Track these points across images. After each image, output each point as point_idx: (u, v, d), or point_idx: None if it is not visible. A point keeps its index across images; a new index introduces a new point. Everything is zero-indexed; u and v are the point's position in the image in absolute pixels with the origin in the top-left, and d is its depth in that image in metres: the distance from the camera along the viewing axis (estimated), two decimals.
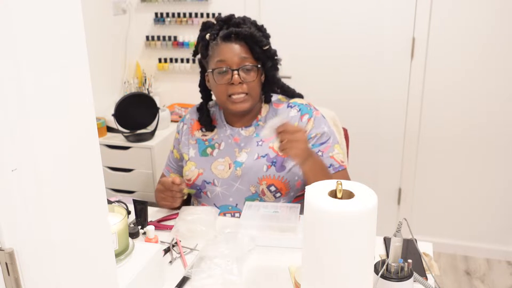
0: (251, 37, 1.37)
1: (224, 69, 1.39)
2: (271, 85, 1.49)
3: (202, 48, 1.46)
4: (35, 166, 0.57)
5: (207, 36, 1.42)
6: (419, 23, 2.40)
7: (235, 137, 1.49)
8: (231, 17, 1.43)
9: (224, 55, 1.38)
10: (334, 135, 1.48)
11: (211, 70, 1.42)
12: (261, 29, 1.45)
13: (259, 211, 1.33)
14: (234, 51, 1.38)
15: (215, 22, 1.44)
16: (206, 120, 1.52)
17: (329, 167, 1.43)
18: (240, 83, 1.38)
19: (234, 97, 1.39)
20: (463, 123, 2.49)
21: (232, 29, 1.38)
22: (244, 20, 1.43)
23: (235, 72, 1.37)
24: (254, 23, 1.44)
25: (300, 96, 1.54)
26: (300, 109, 1.48)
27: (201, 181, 1.46)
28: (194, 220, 1.32)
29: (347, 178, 1.45)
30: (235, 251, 1.17)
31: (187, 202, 1.61)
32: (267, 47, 1.40)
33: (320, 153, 1.43)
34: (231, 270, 1.11)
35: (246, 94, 1.40)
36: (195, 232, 1.29)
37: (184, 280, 1.11)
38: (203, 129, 1.54)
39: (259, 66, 1.41)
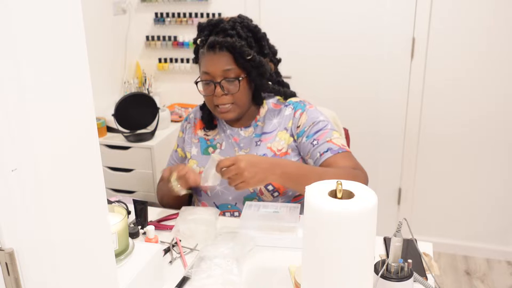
0: (233, 48, 1.35)
1: (208, 81, 1.40)
2: (260, 91, 1.48)
3: (195, 52, 1.47)
4: (35, 166, 0.57)
5: (198, 41, 1.43)
6: (419, 23, 2.40)
7: (235, 137, 1.50)
8: (219, 22, 1.40)
9: (207, 67, 1.38)
10: (332, 124, 1.46)
11: (197, 81, 1.44)
12: (252, 33, 1.41)
13: (259, 211, 1.32)
14: (217, 62, 1.37)
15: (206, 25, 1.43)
16: (207, 118, 1.53)
17: (326, 151, 1.38)
18: (224, 94, 1.38)
19: (219, 107, 1.41)
20: (463, 123, 2.49)
21: (215, 39, 1.36)
22: (234, 24, 1.39)
23: (218, 84, 1.38)
24: (246, 26, 1.40)
25: (292, 94, 1.53)
26: (294, 107, 1.48)
27: None
28: (195, 220, 1.32)
29: (351, 160, 1.39)
30: (235, 251, 1.17)
31: (188, 201, 1.61)
32: (250, 57, 1.36)
33: (315, 142, 1.40)
34: (231, 270, 1.11)
35: (232, 103, 1.40)
36: (196, 232, 1.29)
37: (184, 280, 1.11)
38: (205, 128, 1.55)
39: (240, 78, 1.38)
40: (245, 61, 1.37)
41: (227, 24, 1.39)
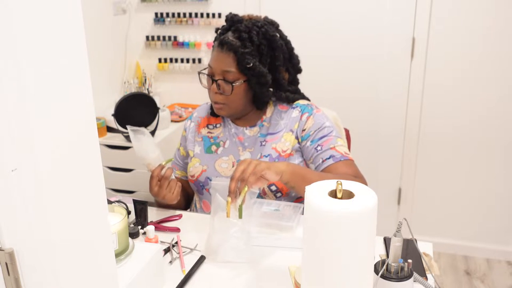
0: (236, 52, 1.36)
1: (207, 74, 1.42)
2: (259, 98, 1.46)
3: (214, 42, 1.48)
4: (35, 166, 0.57)
5: (218, 31, 1.46)
6: (419, 23, 2.40)
7: (239, 136, 1.50)
8: (239, 21, 1.41)
9: (212, 62, 1.41)
10: (337, 131, 1.46)
11: (200, 72, 1.46)
12: (268, 42, 1.39)
13: (262, 208, 1.33)
14: (220, 61, 1.39)
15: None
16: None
17: (329, 158, 1.38)
18: (218, 92, 1.41)
19: (213, 103, 1.44)
20: (463, 123, 2.49)
21: (224, 38, 1.38)
22: (251, 28, 1.37)
23: (215, 82, 1.40)
24: (263, 33, 1.38)
25: (295, 99, 1.51)
26: (301, 110, 1.48)
27: (204, 178, 1.47)
28: (228, 244, 1.18)
29: (352, 168, 1.38)
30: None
31: (188, 201, 1.61)
32: (249, 65, 1.36)
33: (319, 148, 1.41)
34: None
35: (224, 104, 1.42)
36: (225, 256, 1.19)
37: (185, 279, 1.11)
38: (210, 126, 1.56)
39: (236, 83, 1.38)
40: (245, 67, 1.37)
41: (243, 26, 1.38)
